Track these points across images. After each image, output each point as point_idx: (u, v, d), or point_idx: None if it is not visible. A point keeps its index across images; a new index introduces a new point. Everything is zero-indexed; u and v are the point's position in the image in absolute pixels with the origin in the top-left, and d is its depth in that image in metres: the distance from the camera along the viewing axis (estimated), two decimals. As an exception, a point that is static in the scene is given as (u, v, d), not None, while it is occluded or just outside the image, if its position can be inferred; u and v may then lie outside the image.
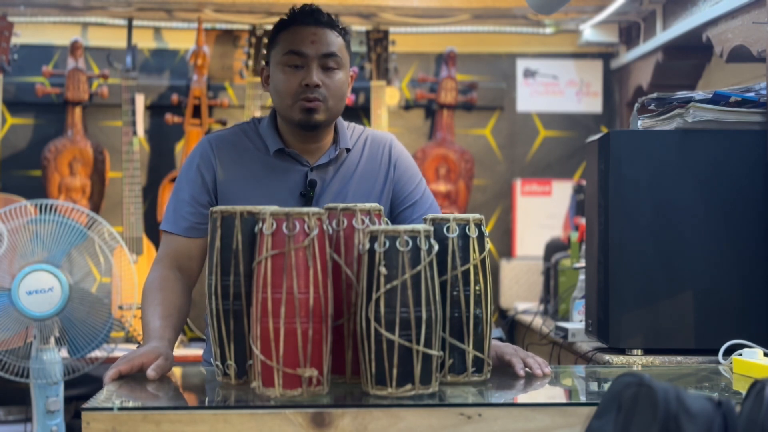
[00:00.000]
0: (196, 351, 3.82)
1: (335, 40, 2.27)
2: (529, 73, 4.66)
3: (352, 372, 1.83)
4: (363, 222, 1.84)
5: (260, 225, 1.71)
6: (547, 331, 3.16)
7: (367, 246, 1.70)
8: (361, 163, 2.35)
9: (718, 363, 2.26)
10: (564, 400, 1.88)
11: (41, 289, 3.20)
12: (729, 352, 2.25)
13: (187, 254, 2.27)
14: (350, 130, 2.39)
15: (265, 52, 2.46)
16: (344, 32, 2.32)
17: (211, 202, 2.28)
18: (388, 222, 2.00)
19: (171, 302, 2.14)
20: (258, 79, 4.17)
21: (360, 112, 4.52)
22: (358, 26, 4.46)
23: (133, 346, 3.94)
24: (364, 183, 2.33)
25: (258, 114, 4.21)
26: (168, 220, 2.30)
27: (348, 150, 2.34)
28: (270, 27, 2.97)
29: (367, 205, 1.86)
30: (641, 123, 2.63)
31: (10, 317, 3.22)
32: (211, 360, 1.87)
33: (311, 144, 2.32)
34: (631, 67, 4.38)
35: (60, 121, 4.37)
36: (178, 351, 3.89)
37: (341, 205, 1.85)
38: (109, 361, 3.40)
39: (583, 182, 4.00)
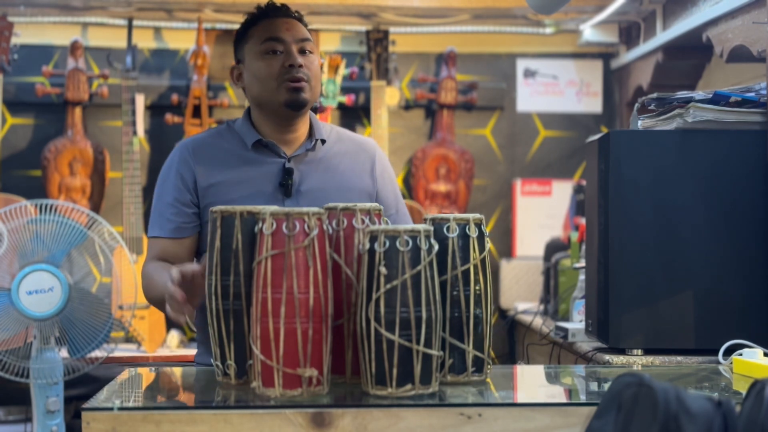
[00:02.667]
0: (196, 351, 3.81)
1: (307, 31, 2.37)
2: (529, 73, 4.66)
3: (352, 372, 1.82)
4: (363, 222, 1.84)
5: (260, 225, 1.71)
6: (547, 331, 3.16)
7: (367, 246, 1.70)
8: (341, 158, 2.40)
9: (718, 363, 2.26)
10: (564, 400, 1.88)
11: (41, 289, 3.20)
12: (729, 352, 2.24)
13: (174, 254, 2.31)
14: (324, 126, 2.45)
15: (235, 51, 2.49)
16: (310, 30, 2.41)
17: (193, 201, 2.32)
18: (388, 222, 2.00)
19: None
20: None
21: (360, 112, 4.52)
22: (358, 26, 4.46)
23: (133, 346, 3.94)
24: (346, 179, 2.38)
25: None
26: (153, 225, 2.35)
27: (324, 141, 2.39)
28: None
29: (367, 205, 1.86)
30: (641, 123, 2.63)
31: (10, 317, 3.21)
32: (209, 361, 1.87)
33: (288, 134, 2.36)
34: (631, 67, 4.37)
35: (60, 121, 4.37)
36: (178, 351, 3.90)
37: (341, 204, 1.85)
38: (109, 361, 3.40)
39: (583, 182, 4.00)
